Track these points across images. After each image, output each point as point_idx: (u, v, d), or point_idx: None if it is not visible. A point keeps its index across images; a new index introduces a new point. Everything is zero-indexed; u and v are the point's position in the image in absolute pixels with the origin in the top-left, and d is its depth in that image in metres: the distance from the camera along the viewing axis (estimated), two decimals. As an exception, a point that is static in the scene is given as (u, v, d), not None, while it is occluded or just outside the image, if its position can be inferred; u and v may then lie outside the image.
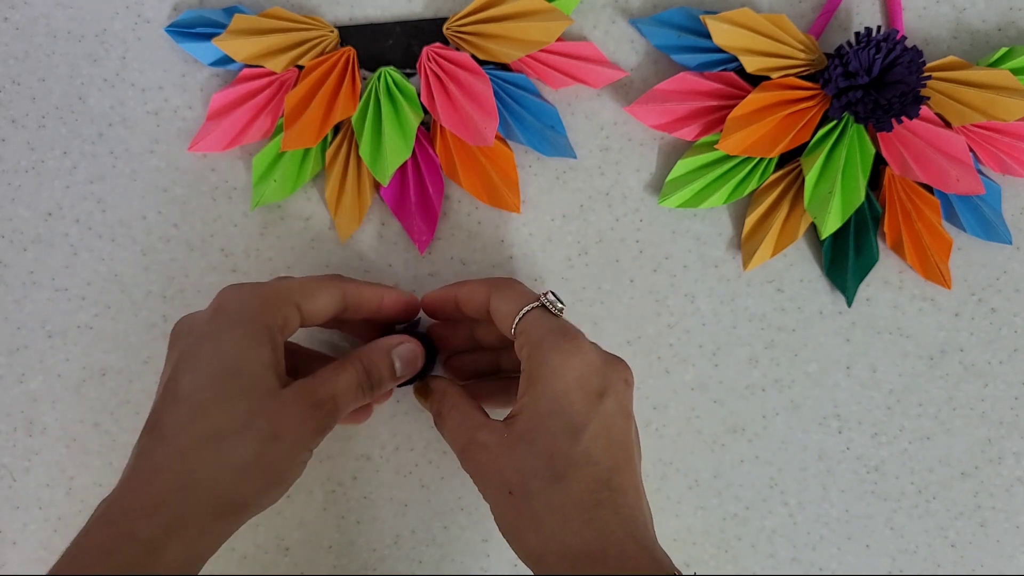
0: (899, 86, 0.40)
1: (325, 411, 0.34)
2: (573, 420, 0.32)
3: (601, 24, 0.45)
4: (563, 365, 0.33)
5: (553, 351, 0.33)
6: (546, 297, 0.35)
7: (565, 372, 0.33)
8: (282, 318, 0.34)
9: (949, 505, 0.45)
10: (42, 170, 0.45)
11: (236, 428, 0.32)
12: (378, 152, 0.43)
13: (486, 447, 0.34)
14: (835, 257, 0.45)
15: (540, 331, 0.34)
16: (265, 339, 0.33)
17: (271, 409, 0.32)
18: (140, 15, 0.45)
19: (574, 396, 0.32)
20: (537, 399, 0.33)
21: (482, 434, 0.34)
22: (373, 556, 0.45)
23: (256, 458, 0.32)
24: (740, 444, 0.45)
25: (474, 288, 0.37)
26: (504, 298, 0.36)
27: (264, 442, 0.32)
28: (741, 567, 0.46)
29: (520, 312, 0.35)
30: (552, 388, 0.32)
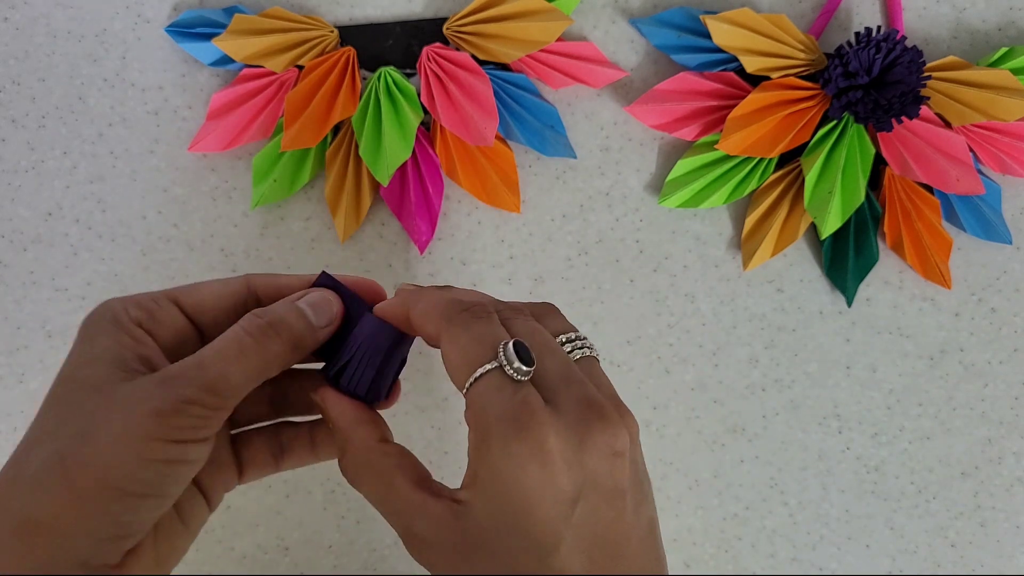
0: (899, 86, 0.40)
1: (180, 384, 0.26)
2: (538, 540, 0.24)
3: (601, 24, 0.45)
4: (518, 475, 0.24)
5: (503, 456, 0.24)
6: (506, 352, 0.25)
7: (521, 484, 0.24)
8: (143, 309, 0.28)
9: (949, 505, 0.45)
10: (42, 170, 0.45)
11: (43, 435, 0.25)
12: (378, 152, 0.43)
13: (429, 546, 0.26)
14: (835, 257, 0.45)
15: (489, 417, 0.25)
16: (106, 331, 0.27)
17: (89, 405, 0.25)
18: (140, 15, 0.45)
19: (536, 514, 0.24)
20: (490, 505, 0.25)
21: (421, 526, 0.26)
22: (373, 556, 0.45)
23: (54, 463, 0.24)
24: (740, 444, 0.45)
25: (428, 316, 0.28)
26: (456, 346, 0.26)
27: (68, 443, 0.25)
28: (741, 567, 0.46)
29: (471, 376, 0.26)
30: (506, 502, 0.24)
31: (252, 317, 0.28)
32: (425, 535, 0.26)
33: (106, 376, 0.26)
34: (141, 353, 0.27)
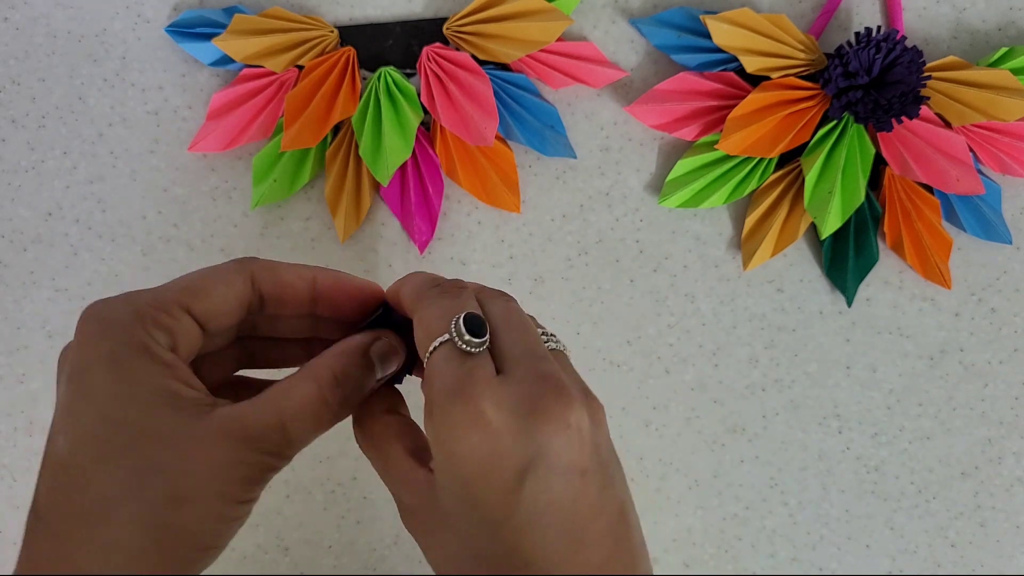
0: (899, 86, 0.40)
1: (266, 448, 0.25)
2: (487, 512, 0.24)
3: (601, 24, 0.45)
4: (459, 445, 0.24)
5: (444, 425, 0.24)
6: (456, 325, 0.25)
7: (464, 455, 0.24)
8: (166, 331, 0.26)
9: (949, 505, 0.45)
10: (42, 170, 0.45)
11: (120, 497, 0.24)
12: (378, 152, 0.43)
13: (413, 513, 0.27)
14: (835, 257, 0.45)
15: (434, 387, 0.25)
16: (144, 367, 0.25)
17: (170, 463, 0.24)
18: (140, 15, 0.45)
19: (480, 486, 0.24)
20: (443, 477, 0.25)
21: (405, 494, 0.27)
22: (373, 556, 0.45)
23: (152, 533, 0.24)
24: (740, 444, 0.45)
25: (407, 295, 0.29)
26: (421, 320, 0.27)
27: (161, 509, 0.24)
28: (741, 567, 0.46)
29: (428, 348, 0.26)
30: (453, 473, 0.24)
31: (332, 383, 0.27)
32: (408, 502, 0.27)
33: (171, 423, 0.25)
34: (179, 379, 0.26)
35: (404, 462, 0.27)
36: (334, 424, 0.28)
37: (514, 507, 0.24)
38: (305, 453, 0.46)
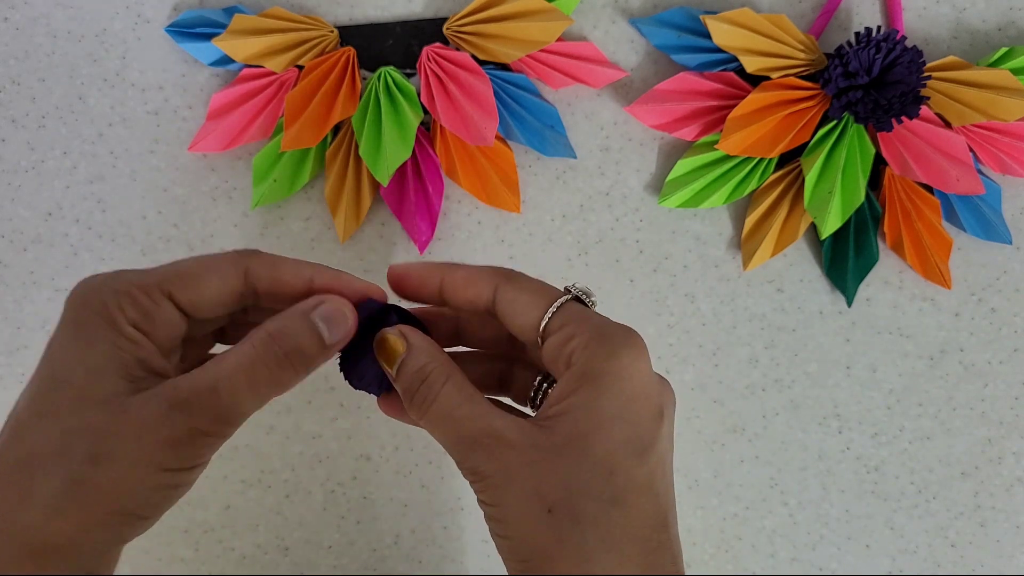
0: (899, 86, 0.40)
1: (196, 411, 0.26)
2: (640, 434, 0.26)
3: (601, 24, 0.45)
4: (632, 366, 0.27)
5: (623, 347, 0.27)
6: (575, 287, 0.29)
7: (633, 374, 0.26)
8: (140, 311, 0.26)
9: (949, 505, 0.45)
10: (42, 170, 0.45)
11: (47, 453, 0.25)
12: (378, 152, 0.43)
13: (512, 445, 0.26)
14: (835, 257, 0.45)
15: (596, 325, 0.27)
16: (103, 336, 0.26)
17: (98, 423, 0.25)
18: (140, 15, 0.45)
19: (641, 405, 0.26)
20: (598, 399, 0.26)
21: (501, 424, 0.27)
22: (373, 556, 0.45)
23: (69, 488, 0.24)
24: (740, 444, 0.45)
25: (472, 274, 0.30)
26: (521, 288, 0.29)
27: (81, 466, 0.24)
28: (741, 567, 0.46)
29: (553, 305, 0.28)
30: (620, 390, 0.26)
31: (267, 341, 0.27)
32: (511, 437, 0.26)
33: (112, 389, 0.25)
34: (140, 357, 0.26)
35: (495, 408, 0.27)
36: (276, 388, 0.27)
37: (656, 437, 0.26)
38: (305, 453, 0.46)
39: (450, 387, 0.28)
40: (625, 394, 0.26)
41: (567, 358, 0.27)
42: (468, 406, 0.27)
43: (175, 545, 0.45)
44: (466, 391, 0.28)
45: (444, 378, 0.28)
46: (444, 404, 0.27)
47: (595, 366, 0.26)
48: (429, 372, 0.28)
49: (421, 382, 0.28)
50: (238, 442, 0.45)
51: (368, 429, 0.45)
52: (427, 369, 0.28)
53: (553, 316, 0.28)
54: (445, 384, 0.28)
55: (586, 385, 0.26)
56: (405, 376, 0.28)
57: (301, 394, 0.45)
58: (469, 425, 0.27)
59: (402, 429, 0.45)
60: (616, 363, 0.26)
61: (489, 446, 0.26)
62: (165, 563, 0.45)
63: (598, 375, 0.26)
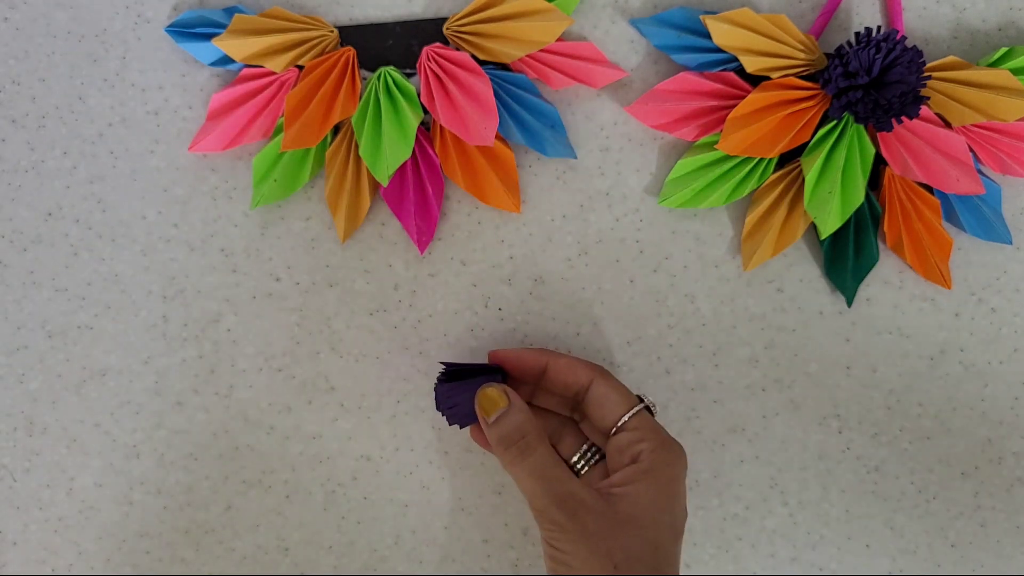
0: (899, 86, 0.40)
1: None
2: (677, 524, 0.36)
3: (601, 24, 0.45)
4: (680, 474, 0.36)
5: (678, 459, 0.36)
6: (647, 399, 0.39)
7: (679, 479, 0.36)
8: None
9: (949, 505, 0.45)
10: (42, 170, 0.45)
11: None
12: (378, 152, 0.43)
13: (590, 510, 0.35)
14: (835, 257, 0.45)
15: (662, 436, 0.37)
16: None
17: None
18: (140, 15, 0.45)
19: (680, 504, 0.36)
20: (655, 493, 0.35)
21: (581, 491, 0.35)
22: (373, 556, 0.45)
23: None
24: (740, 444, 0.45)
25: (573, 363, 0.39)
26: (612, 387, 0.38)
27: None
28: (741, 567, 0.46)
29: (634, 408, 0.38)
30: (670, 490, 0.36)
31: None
32: (589, 503, 0.35)
33: None
34: None
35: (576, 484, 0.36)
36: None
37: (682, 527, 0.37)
38: (306, 453, 0.46)
39: (544, 450, 0.36)
40: (672, 493, 0.36)
41: (634, 455, 0.36)
42: (557, 469, 0.36)
43: (176, 546, 0.45)
44: (555, 456, 0.37)
45: (539, 440, 0.37)
46: (539, 462, 0.36)
47: (657, 468, 0.36)
48: (528, 431, 0.37)
49: (521, 437, 0.36)
50: (239, 442, 0.45)
51: (368, 430, 0.45)
52: (526, 428, 0.37)
53: (632, 417, 0.37)
54: (540, 446, 0.36)
55: (647, 479, 0.35)
56: (504, 427, 0.37)
57: (301, 394, 0.45)
58: (558, 486, 0.35)
59: (402, 430, 0.45)
60: (671, 471, 0.36)
61: (573, 508, 0.34)
62: (166, 564, 0.45)
63: (657, 476, 0.35)
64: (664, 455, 0.36)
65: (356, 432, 0.45)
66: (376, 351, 0.45)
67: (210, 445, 0.45)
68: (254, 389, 0.45)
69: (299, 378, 0.45)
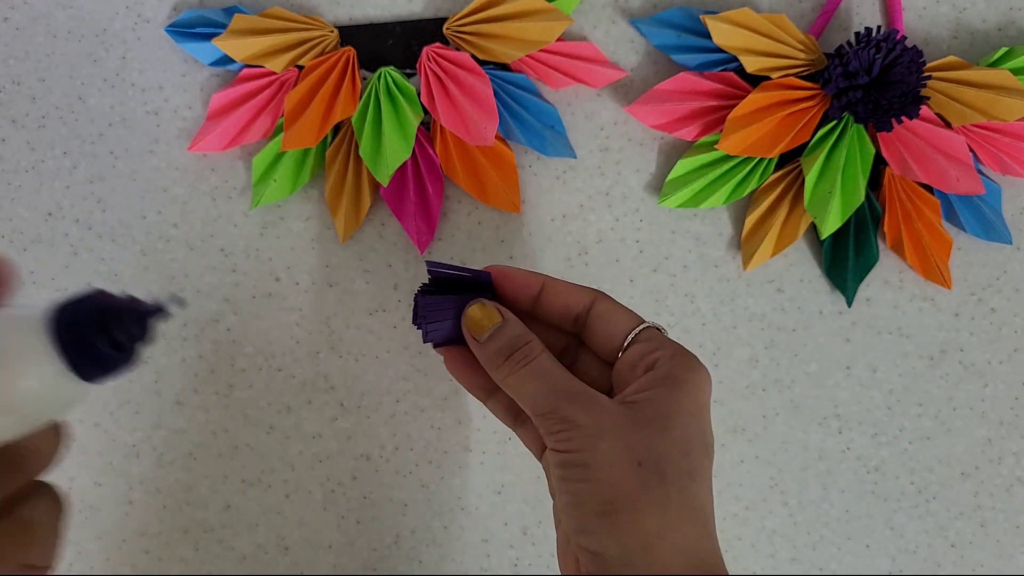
0: (899, 86, 0.40)
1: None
2: (706, 431, 0.31)
3: (601, 24, 0.45)
4: (705, 383, 0.32)
5: (700, 366, 0.32)
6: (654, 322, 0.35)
7: (704, 389, 0.31)
8: None
9: (949, 505, 0.45)
10: (42, 170, 0.45)
11: None
12: (378, 152, 0.43)
13: (605, 407, 0.30)
14: (835, 257, 0.45)
15: (677, 345, 0.32)
16: None
17: None
18: (140, 15, 0.45)
19: (707, 413, 0.32)
20: (678, 397, 0.30)
21: (594, 393, 0.31)
22: (373, 556, 0.45)
23: None
24: (740, 444, 0.45)
25: (571, 285, 0.35)
26: (617, 306, 0.34)
27: None
28: (741, 567, 0.46)
29: (641, 324, 0.34)
30: (695, 396, 0.31)
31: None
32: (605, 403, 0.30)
33: None
34: None
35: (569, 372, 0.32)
36: None
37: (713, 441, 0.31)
38: (305, 453, 0.46)
39: (547, 355, 0.32)
40: (698, 400, 0.31)
41: (650, 363, 0.32)
42: (564, 371, 0.32)
43: (175, 545, 0.45)
44: (556, 363, 0.32)
45: (541, 348, 0.32)
46: (543, 364, 0.32)
47: (677, 372, 0.31)
48: (530, 339, 0.33)
49: (524, 344, 0.32)
50: (238, 441, 0.45)
51: (368, 429, 0.45)
52: (527, 337, 0.33)
53: (643, 330, 0.33)
54: (543, 352, 0.32)
55: (667, 384, 0.31)
56: (502, 339, 0.33)
57: (301, 394, 0.45)
58: (567, 383, 0.31)
59: (402, 429, 0.45)
60: (695, 375, 0.31)
61: (587, 402, 0.30)
62: (165, 563, 0.45)
63: (679, 380, 0.31)
64: (684, 360, 0.31)
65: (355, 432, 0.45)
66: (376, 351, 0.45)
67: (209, 444, 0.45)
68: (254, 389, 0.45)
69: (299, 378, 0.45)
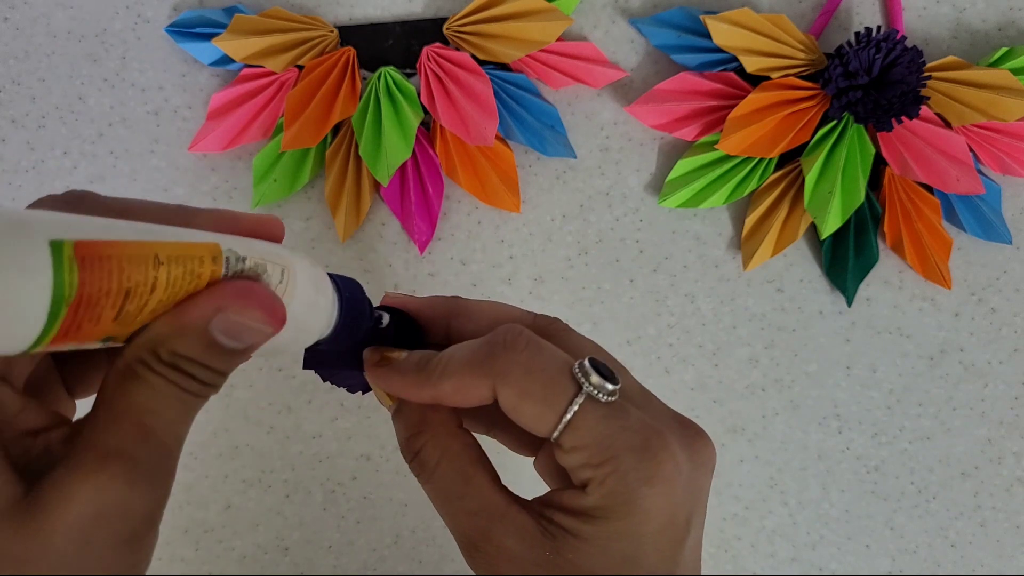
0: (899, 86, 0.40)
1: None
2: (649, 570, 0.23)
3: (601, 24, 0.45)
4: (655, 504, 0.22)
5: (643, 484, 0.22)
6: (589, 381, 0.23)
7: (656, 512, 0.22)
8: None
9: (949, 505, 0.45)
10: (42, 170, 0.45)
11: None
12: (378, 152, 0.43)
13: (514, 558, 0.22)
14: (835, 257, 0.45)
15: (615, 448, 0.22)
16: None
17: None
18: (140, 15, 0.45)
19: (661, 541, 0.22)
20: (611, 539, 0.22)
21: (503, 533, 0.23)
22: (373, 556, 0.45)
23: None
24: (740, 444, 0.45)
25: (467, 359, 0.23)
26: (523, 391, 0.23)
27: None
28: (741, 567, 0.46)
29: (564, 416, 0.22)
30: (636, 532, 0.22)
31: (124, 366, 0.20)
32: (509, 546, 0.22)
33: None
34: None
35: (498, 497, 0.23)
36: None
37: (678, 560, 0.23)
38: (305, 453, 0.46)
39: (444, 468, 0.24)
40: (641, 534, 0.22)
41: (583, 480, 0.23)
42: (466, 498, 0.23)
43: (175, 545, 0.45)
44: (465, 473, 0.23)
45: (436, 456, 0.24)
46: (440, 489, 0.24)
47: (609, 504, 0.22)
48: (419, 448, 0.24)
49: (413, 455, 0.24)
50: (238, 442, 0.45)
51: (368, 429, 0.45)
52: (415, 445, 0.24)
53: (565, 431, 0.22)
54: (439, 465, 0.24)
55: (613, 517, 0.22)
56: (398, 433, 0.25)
57: (301, 394, 0.45)
58: (468, 523, 0.23)
59: (402, 429, 0.45)
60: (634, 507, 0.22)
61: (488, 553, 0.23)
62: (165, 563, 0.45)
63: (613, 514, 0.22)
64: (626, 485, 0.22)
65: (356, 432, 0.45)
66: (376, 351, 0.45)
67: (210, 444, 0.45)
68: (254, 389, 0.45)
69: (299, 378, 0.45)
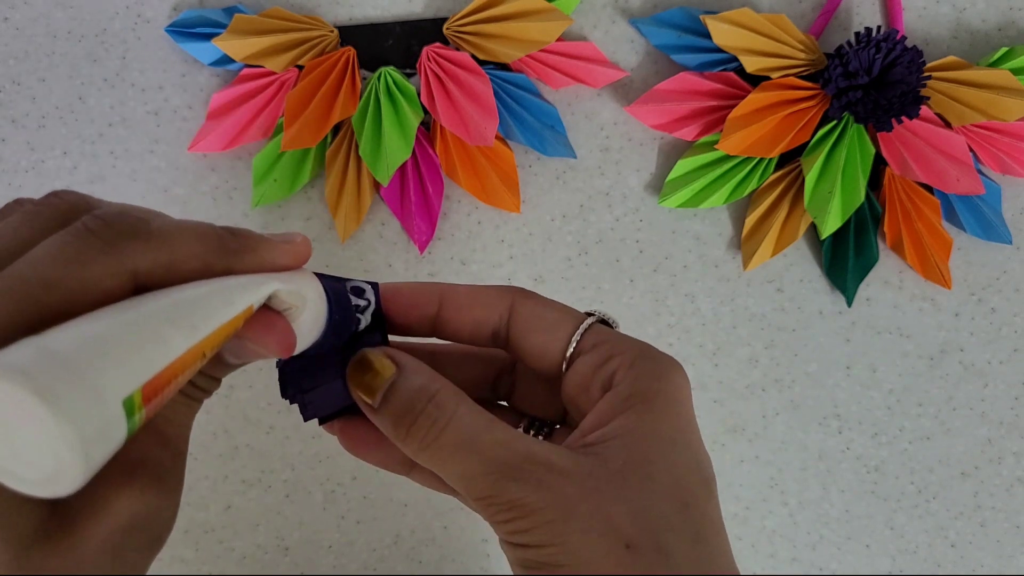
0: (899, 86, 0.40)
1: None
2: (701, 460, 0.23)
3: (601, 24, 0.45)
4: (683, 388, 0.24)
5: (671, 368, 0.24)
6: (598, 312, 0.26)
7: (684, 397, 0.23)
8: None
9: (949, 505, 0.45)
10: (42, 170, 0.45)
11: None
12: (378, 152, 0.43)
13: (564, 473, 0.21)
14: (835, 257, 0.45)
15: (636, 345, 0.24)
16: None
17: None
18: (140, 15, 0.45)
19: (695, 429, 0.23)
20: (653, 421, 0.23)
21: (543, 451, 0.22)
22: (373, 556, 0.45)
23: None
24: (740, 444, 0.45)
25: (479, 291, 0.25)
26: (544, 305, 0.25)
27: None
28: (741, 567, 0.46)
29: (583, 324, 0.25)
30: (675, 412, 0.23)
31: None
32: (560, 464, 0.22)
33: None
34: None
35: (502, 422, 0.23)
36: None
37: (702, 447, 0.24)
38: (305, 453, 0.46)
39: (466, 408, 0.23)
40: (681, 417, 0.23)
41: (606, 380, 0.24)
42: (495, 430, 0.22)
43: (175, 545, 0.45)
44: (486, 415, 0.23)
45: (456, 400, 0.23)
46: (463, 429, 0.22)
47: (645, 386, 0.23)
48: (435, 391, 0.23)
49: (427, 401, 0.23)
50: (238, 442, 0.45)
51: (368, 429, 0.45)
52: (431, 388, 0.23)
53: (585, 335, 0.24)
54: (459, 406, 0.23)
55: (636, 406, 0.23)
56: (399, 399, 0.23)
57: (301, 394, 0.45)
58: (503, 451, 0.22)
59: (402, 429, 0.45)
60: (668, 384, 0.23)
61: (536, 475, 0.21)
62: (165, 563, 0.45)
63: (649, 396, 0.23)
64: (650, 366, 0.23)
65: (356, 432, 0.45)
66: (376, 351, 0.45)
67: (210, 444, 0.45)
68: (254, 389, 0.45)
69: (299, 378, 0.45)
